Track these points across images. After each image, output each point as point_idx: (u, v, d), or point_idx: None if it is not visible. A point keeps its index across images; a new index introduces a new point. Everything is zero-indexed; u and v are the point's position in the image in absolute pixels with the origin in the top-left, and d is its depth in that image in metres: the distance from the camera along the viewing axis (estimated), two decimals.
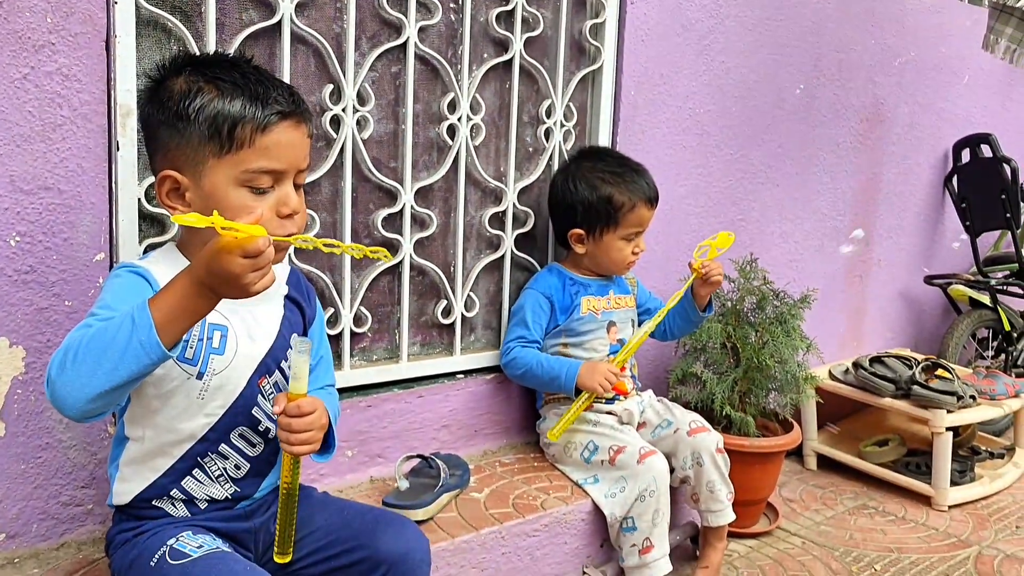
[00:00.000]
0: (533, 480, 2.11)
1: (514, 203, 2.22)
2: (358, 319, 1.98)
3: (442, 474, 1.91)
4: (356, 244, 1.26)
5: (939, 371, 2.86)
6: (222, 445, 1.36)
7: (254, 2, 1.74)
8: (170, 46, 1.64)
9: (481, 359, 2.22)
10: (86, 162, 1.54)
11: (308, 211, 1.80)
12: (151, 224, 1.66)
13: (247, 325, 1.36)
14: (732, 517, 2.13)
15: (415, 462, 1.98)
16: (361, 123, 1.91)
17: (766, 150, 2.81)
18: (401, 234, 2.01)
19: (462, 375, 2.19)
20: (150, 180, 1.57)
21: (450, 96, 2.06)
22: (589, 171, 2.13)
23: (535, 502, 2.00)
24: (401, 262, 2.03)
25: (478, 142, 2.12)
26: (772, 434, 2.46)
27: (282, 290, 1.45)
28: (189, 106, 1.24)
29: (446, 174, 2.08)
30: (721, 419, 2.37)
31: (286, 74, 1.76)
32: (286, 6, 1.74)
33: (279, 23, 1.75)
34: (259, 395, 1.37)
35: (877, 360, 2.90)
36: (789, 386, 2.46)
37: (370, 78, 1.92)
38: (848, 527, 2.56)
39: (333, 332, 1.92)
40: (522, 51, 2.16)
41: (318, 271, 1.90)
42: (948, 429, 2.66)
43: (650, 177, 2.16)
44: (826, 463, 2.98)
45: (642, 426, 2.19)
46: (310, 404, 1.28)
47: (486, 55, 2.12)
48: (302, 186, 1.35)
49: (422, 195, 2.05)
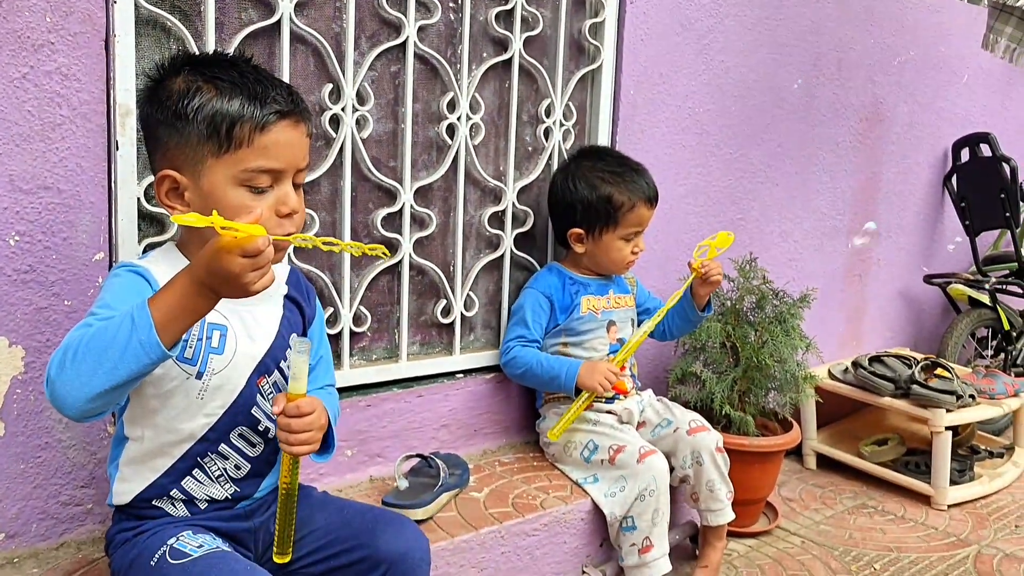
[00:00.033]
0: (533, 479, 2.11)
1: (513, 202, 2.22)
2: (357, 318, 1.98)
3: (442, 473, 1.91)
4: (355, 242, 1.26)
5: (938, 370, 2.86)
6: (222, 445, 1.36)
7: (253, 1, 1.73)
8: (169, 45, 1.64)
9: (480, 358, 2.22)
10: (85, 161, 1.54)
11: (307, 210, 1.81)
12: (150, 223, 1.66)
13: (246, 325, 1.36)
14: (732, 516, 2.13)
15: (414, 461, 1.98)
16: (360, 122, 1.91)
17: (765, 149, 2.81)
18: (400, 233, 2.01)
19: (461, 374, 2.19)
20: (149, 179, 1.57)
21: (449, 95, 2.05)
22: (589, 170, 2.13)
23: (535, 501, 2.00)
24: (400, 261, 2.03)
25: (477, 141, 2.12)
26: (771, 433, 2.46)
27: (282, 290, 1.45)
28: (188, 105, 1.24)
29: (445, 173, 2.08)
30: (720, 418, 2.37)
31: (285, 73, 1.76)
32: (285, 5, 1.74)
33: (278, 22, 1.75)
34: (258, 395, 1.37)
35: (876, 359, 2.90)
36: (788, 385, 2.46)
37: (369, 77, 1.92)
38: (847, 526, 2.56)
39: (332, 331, 1.91)
40: (521, 50, 2.16)
41: (317, 270, 1.90)
42: (947, 428, 2.66)
43: (650, 177, 2.16)
44: (825, 462, 2.98)
45: (642, 425, 2.19)
46: (309, 404, 1.28)
47: (485, 54, 2.12)
48: (301, 185, 1.34)
49: (421, 194, 2.05)
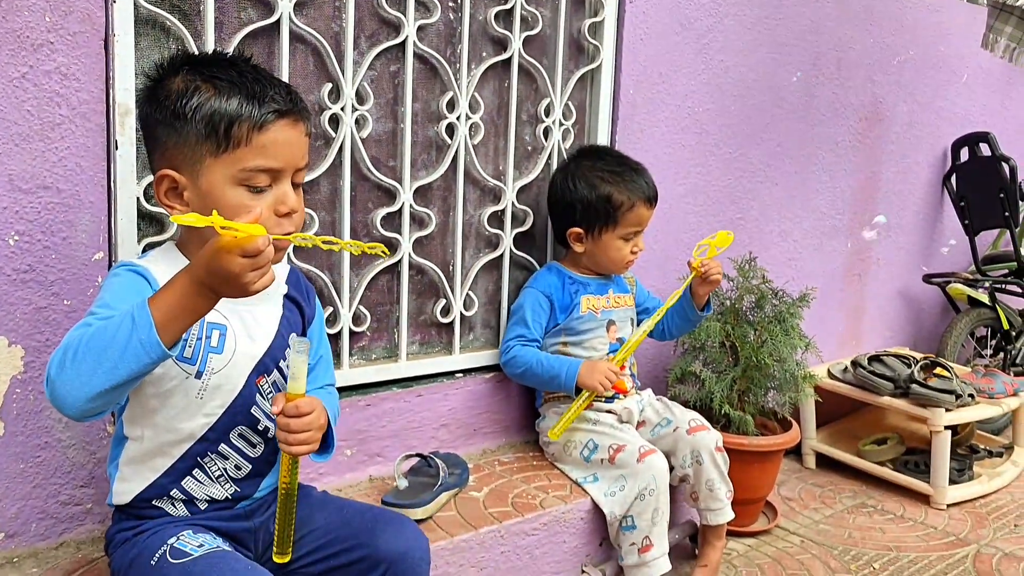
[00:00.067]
0: (532, 479, 2.11)
1: (513, 202, 2.22)
2: (357, 318, 1.98)
3: (441, 473, 1.91)
4: (354, 240, 1.26)
5: (938, 370, 2.86)
6: (222, 445, 1.36)
7: (252, 1, 1.73)
8: (169, 45, 1.63)
9: (480, 358, 2.22)
10: (85, 161, 1.54)
11: (307, 210, 1.80)
12: (150, 223, 1.66)
13: (246, 324, 1.36)
14: (731, 516, 2.13)
15: (414, 461, 1.98)
16: (360, 122, 1.91)
17: (765, 149, 2.81)
18: (400, 233, 2.01)
19: (461, 374, 2.19)
20: (149, 179, 1.57)
21: (449, 95, 2.05)
22: (588, 170, 2.13)
23: (534, 501, 2.00)
24: (400, 261, 2.03)
25: (477, 141, 2.12)
26: (771, 433, 2.46)
27: (281, 289, 1.45)
28: (186, 105, 1.24)
29: (445, 173, 2.08)
30: (720, 418, 2.37)
31: (285, 73, 1.76)
32: (284, 5, 1.74)
33: (278, 22, 1.75)
34: (258, 394, 1.37)
35: (876, 359, 2.90)
36: (788, 385, 2.46)
37: (369, 77, 1.92)
38: (847, 526, 2.57)
39: (332, 331, 1.91)
40: (521, 50, 2.16)
41: (317, 270, 1.90)
42: (947, 428, 2.66)
43: (649, 176, 2.16)
44: (825, 462, 2.98)
45: (641, 425, 2.19)
46: (308, 404, 1.28)
47: (485, 54, 2.12)
48: (301, 185, 1.34)
49: (421, 194, 2.05)
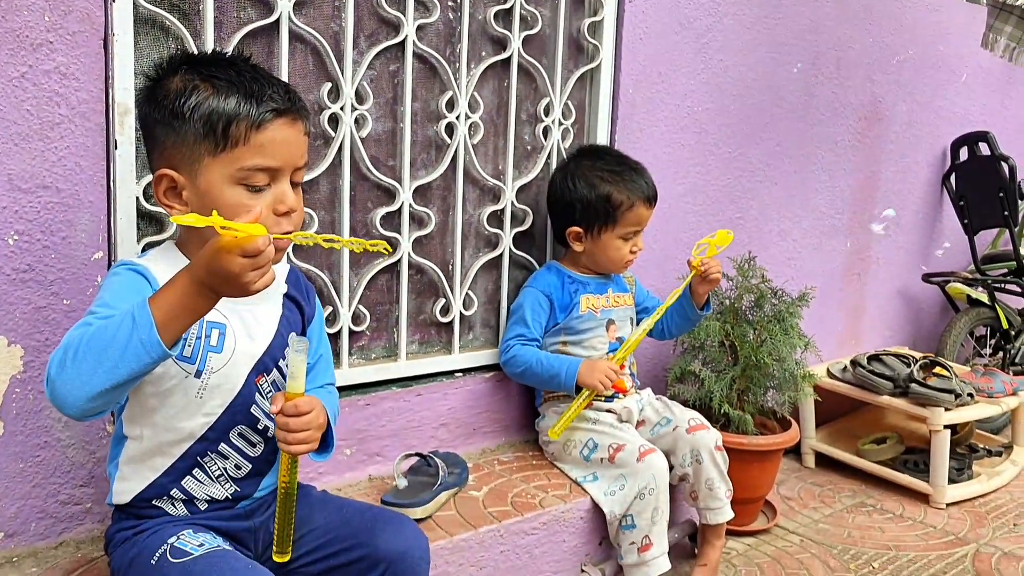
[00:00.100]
0: (532, 478, 2.11)
1: (512, 201, 2.22)
2: (356, 317, 1.98)
3: (441, 472, 1.91)
4: (356, 238, 1.26)
5: (937, 369, 2.86)
6: (221, 444, 1.36)
7: (252, 0, 1.73)
8: (168, 44, 1.63)
9: (479, 357, 2.22)
10: (84, 160, 1.54)
11: (306, 209, 1.81)
12: (149, 222, 1.66)
13: (245, 323, 1.36)
14: (731, 515, 2.13)
15: (413, 460, 1.98)
16: (359, 121, 1.91)
17: (764, 148, 2.82)
18: (399, 232, 2.01)
19: (460, 373, 2.19)
20: (148, 178, 1.57)
21: (448, 94, 2.05)
22: (588, 169, 2.13)
23: (534, 500, 2.00)
24: (399, 260, 2.03)
25: (476, 140, 2.12)
26: (770, 432, 2.46)
27: (281, 289, 1.45)
28: (184, 104, 1.24)
29: (444, 172, 2.08)
30: (719, 417, 2.37)
31: (284, 73, 1.76)
32: (284, 4, 1.74)
33: (277, 21, 1.75)
34: (257, 393, 1.37)
35: (875, 358, 2.90)
36: (787, 384, 2.46)
37: (368, 76, 1.92)
38: (846, 525, 2.57)
39: (331, 331, 1.91)
40: (520, 49, 2.16)
41: (316, 269, 1.90)
42: (946, 427, 2.66)
43: (649, 176, 2.16)
44: (824, 461, 2.98)
45: (641, 424, 2.19)
46: (307, 403, 1.28)
47: (484, 53, 2.12)
48: (300, 184, 1.34)
49: (420, 193, 2.05)
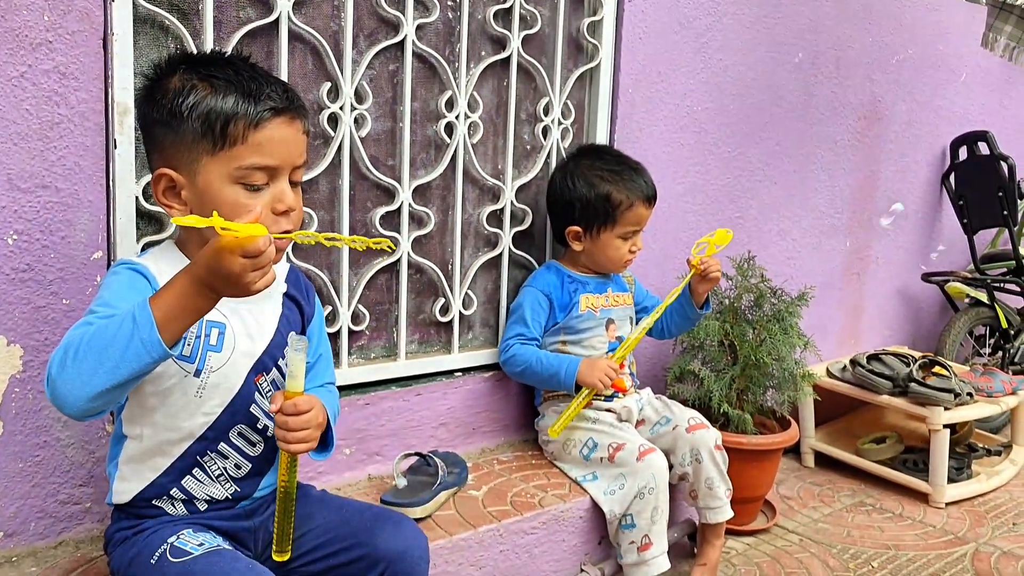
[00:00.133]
0: (531, 478, 2.11)
1: (512, 201, 2.22)
2: (356, 317, 1.98)
3: (440, 472, 1.91)
4: (358, 236, 1.26)
5: (936, 368, 2.86)
6: (221, 444, 1.36)
7: (251, 0, 1.73)
8: (167, 44, 1.63)
9: (479, 357, 2.22)
10: (83, 160, 1.54)
11: (306, 209, 1.80)
12: (148, 222, 1.66)
13: (245, 322, 1.36)
14: (730, 514, 2.13)
15: (413, 460, 1.98)
16: (359, 121, 1.91)
17: (764, 148, 2.82)
18: (399, 232, 2.01)
19: (460, 373, 2.19)
20: (147, 178, 1.57)
21: (448, 94, 2.05)
22: (588, 169, 2.13)
23: (533, 500, 2.00)
24: (399, 260, 2.03)
25: (476, 140, 2.12)
26: (769, 431, 2.46)
27: (281, 288, 1.45)
28: (183, 103, 1.24)
29: (444, 172, 2.08)
30: (719, 417, 2.37)
31: (284, 72, 1.76)
32: (283, 4, 1.74)
33: (276, 21, 1.74)
34: (256, 393, 1.37)
35: (874, 357, 2.90)
36: (787, 384, 2.46)
37: (368, 76, 1.92)
38: (845, 524, 2.57)
39: (330, 330, 1.91)
40: (520, 49, 2.16)
41: (316, 269, 1.90)
42: (945, 426, 2.67)
43: (648, 175, 2.16)
44: (823, 460, 2.98)
45: (641, 423, 2.19)
46: (307, 402, 1.28)
47: (484, 53, 2.12)
48: (299, 183, 1.34)
49: (420, 193, 2.05)
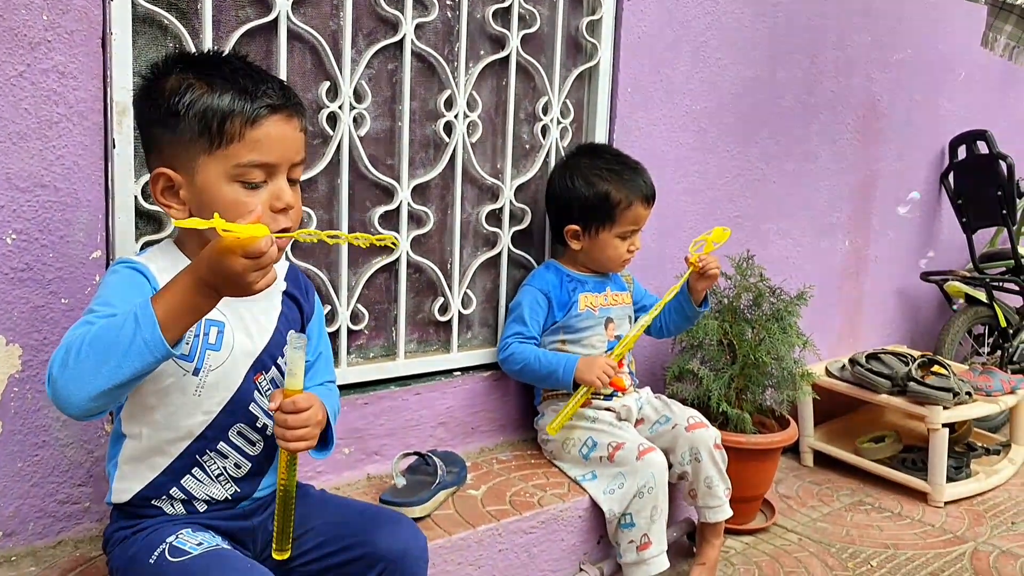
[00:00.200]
0: (530, 477, 2.11)
1: (511, 200, 2.22)
2: (355, 316, 1.98)
3: (439, 471, 1.91)
4: (361, 234, 1.26)
5: (935, 367, 2.86)
6: (221, 443, 1.36)
7: None
8: (166, 43, 1.63)
9: (478, 356, 2.22)
10: (82, 160, 1.54)
11: (305, 208, 1.80)
12: (147, 221, 1.66)
13: (244, 321, 1.36)
14: (729, 513, 2.13)
15: (412, 459, 1.98)
16: (358, 120, 1.91)
17: (763, 147, 2.82)
18: (398, 231, 2.01)
19: (459, 372, 2.19)
20: (146, 177, 1.57)
21: (447, 93, 2.05)
22: (587, 168, 2.13)
23: (532, 499, 2.00)
24: (398, 259, 2.03)
25: (475, 139, 2.12)
26: (768, 431, 2.47)
27: (280, 286, 1.45)
28: (180, 102, 1.24)
29: (443, 171, 2.08)
30: (718, 416, 2.37)
31: (283, 71, 1.76)
32: (283, 3, 1.74)
33: (275, 20, 1.74)
34: (256, 391, 1.37)
35: (873, 357, 2.90)
36: (785, 383, 2.46)
37: (367, 75, 1.92)
38: (844, 523, 2.57)
39: (330, 329, 1.91)
40: (519, 48, 2.16)
41: (315, 268, 1.90)
42: (944, 425, 2.67)
43: (647, 175, 2.17)
44: (822, 459, 2.98)
45: (640, 422, 2.19)
46: (306, 400, 1.28)
47: (483, 52, 2.12)
48: (298, 181, 1.34)
49: (419, 192, 2.05)
